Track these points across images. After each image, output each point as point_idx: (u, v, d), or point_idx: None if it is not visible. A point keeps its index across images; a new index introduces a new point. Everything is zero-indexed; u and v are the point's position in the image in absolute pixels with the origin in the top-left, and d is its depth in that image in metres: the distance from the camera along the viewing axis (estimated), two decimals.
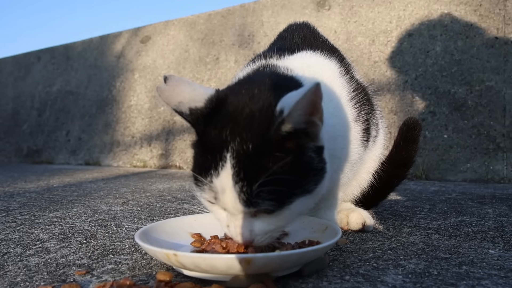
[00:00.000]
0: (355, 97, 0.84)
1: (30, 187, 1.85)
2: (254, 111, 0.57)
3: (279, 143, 0.54)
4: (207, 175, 0.57)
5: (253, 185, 0.53)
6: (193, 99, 0.60)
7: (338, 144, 0.78)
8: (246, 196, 0.54)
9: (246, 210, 0.56)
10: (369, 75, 2.54)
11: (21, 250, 0.79)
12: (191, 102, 0.60)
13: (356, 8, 2.75)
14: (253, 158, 0.54)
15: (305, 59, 0.85)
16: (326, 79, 0.80)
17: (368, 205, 1.05)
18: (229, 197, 0.55)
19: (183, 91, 0.61)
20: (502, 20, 2.26)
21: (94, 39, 4.21)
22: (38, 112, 4.43)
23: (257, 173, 0.53)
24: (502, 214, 1.14)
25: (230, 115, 0.58)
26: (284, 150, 0.54)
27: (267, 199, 0.54)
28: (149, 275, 0.64)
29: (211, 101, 0.60)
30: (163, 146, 3.34)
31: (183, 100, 0.60)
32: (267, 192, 0.54)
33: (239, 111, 0.58)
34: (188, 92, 0.61)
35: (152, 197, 1.54)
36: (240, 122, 0.56)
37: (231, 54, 3.23)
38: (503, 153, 2.12)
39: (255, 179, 0.53)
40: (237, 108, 0.59)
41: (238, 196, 0.54)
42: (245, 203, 0.55)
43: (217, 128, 0.58)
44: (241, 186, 0.54)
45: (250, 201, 0.54)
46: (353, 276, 0.62)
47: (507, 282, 0.59)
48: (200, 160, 0.59)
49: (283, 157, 0.54)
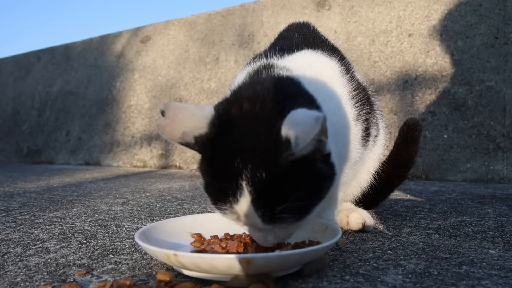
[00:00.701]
0: (356, 96, 0.84)
1: (30, 187, 1.85)
2: (260, 134, 0.56)
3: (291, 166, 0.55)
4: (226, 201, 0.58)
5: (274, 209, 0.56)
6: (195, 126, 0.58)
7: (339, 142, 0.78)
8: (268, 219, 0.57)
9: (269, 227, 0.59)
10: (369, 75, 2.54)
11: (21, 250, 0.79)
12: (194, 130, 0.58)
13: (356, 8, 2.75)
14: (269, 184, 0.55)
15: (305, 58, 0.85)
16: (326, 78, 0.80)
17: (368, 205, 1.05)
18: (252, 219, 0.58)
19: (183, 120, 0.58)
20: (502, 20, 2.26)
21: (94, 39, 4.21)
22: (38, 112, 4.43)
23: (276, 198, 0.56)
24: (502, 214, 1.14)
25: (236, 141, 0.58)
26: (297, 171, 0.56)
27: (288, 216, 0.57)
28: (149, 275, 0.64)
29: (213, 124, 0.59)
30: (163, 146, 3.34)
31: (186, 130, 0.58)
32: (287, 212, 0.56)
33: (244, 134, 0.58)
34: (188, 120, 0.59)
35: (152, 197, 1.54)
36: (248, 148, 0.56)
37: (231, 54, 3.23)
38: (503, 153, 2.12)
39: (274, 204, 0.56)
40: (241, 130, 0.58)
41: (261, 218, 0.57)
42: (268, 222, 0.58)
43: (226, 155, 0.57)
44: (263, 211, 0.56)
45: (272, 221, 0.57)
46: (353, 276, 0.62)
47: (507, 282, 0.59)
48: (216, 186, 0.60)
49: (297, 177, 0.56)
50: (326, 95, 0.77)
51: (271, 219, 0.57)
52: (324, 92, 0.77)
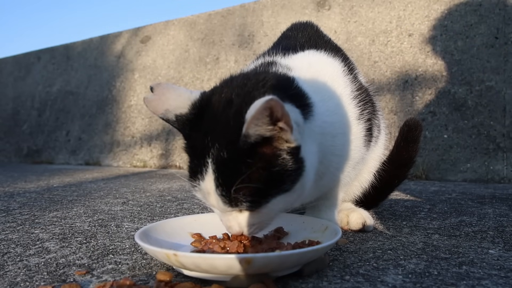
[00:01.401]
0: (358, 96, 0.84)
1: (30, 187, 1.85)
2: (229, 117, 0.60)
3: (250, 150, 0.57)
4: (196, 178, 0.62)
5: (230, 190, 0.58)
6: (178, 106, 0.64)
7: (338, 142, 0.77)
8: (225, 199, 0.59)
9: (229, 209, 0.61)
10: (369, 75, 2.54)
11: (21, 250, 0.79)
12: (176, 109, 0.64)
13: (356, 8, 2.75)
14: (228, 164, 0.58)
15: (307, 57, 0.86)
16: (327, 78, 0.81)
17: (368, 205, 1.05)
18: (213, 199, 0.61)
19: (168, 98, 0.64)
20: (502, 20, 2.26)
21: (94, 39, 4.21)
22: (38, 112, 4.43)
23: (232, 179, 0.58)
24: (502, 214, 1.14)
25: (210, 121, 0.62)
26: (256, 156, 0.57)
27: (244, 201, 0.59)
28: (149, 275, 0.64)
29: (194, 106, 0.64)
30: (163, 146, 3.34)
31: (169, 108, 0.64)
32: (243, 195, 0.58)
33: (217, 117, 0.61)
34: (173, 99, 0.64)
35: (152, 197, 1.54)
36: (218, 128, 0.60)
37: (231, 54, 3.23)
38: (503, 153, 2.12)
39: (230, 184, 0.58)
40: (216, 113, 0.62)
41: (220, 198, 0.60)
42: (227, 204, 0.60)
43: (200, 133, 0.61)
44: (220, 190, 0.59)
45: (230, 203, 0.59)
46: (353, 276, 0.62)
47: (507, 282, 0.59)
48: (191, 163, 0.64)
49: (255, 163, 0.57)
50: (325, 94, 0.77)
51: (228, 200, 0.59)
52: (323, 91, 0.77)
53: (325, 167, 0.76)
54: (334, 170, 0.80)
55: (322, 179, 0.79)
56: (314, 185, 0.76)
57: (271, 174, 0.59)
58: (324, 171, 0.77)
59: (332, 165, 0.78)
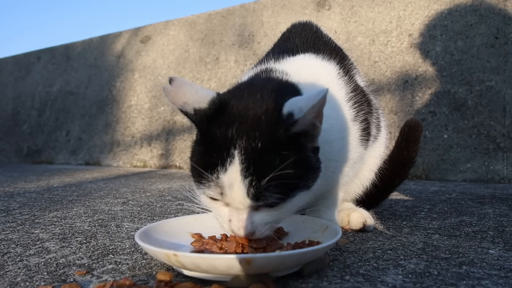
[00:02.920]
0: (353, 97, 0.85)
1: (30, 187, 1.85)
2: (260, 113, 0.60)
3: (286, 142, 0.58)
4: (213, 171, 0.59)
5: (262, 180, 0.56)
6: (197, 100, 0.63)
7: (335, 147, 0.79)
8: (254, 190, 0.57)
9: (253, 204, 0.59)
10: (369, 75, 2.55)
11: (21, 250, 0.79)
12: (195, 103, 0.63)
13: (356, 8, 2.75)
14: (262, 155, 0.57)
15: (303, 62, 0.87)
16: (322, 82, 0.82)
17: (369, 205, 1.05)
18: (237, 191, 0.58)
19: (186, 92, 0.64)
20: (502, 20, 2.26)
21: (94, 39, 4.21)
22: (38, 112, 4.43)
23: (266, 169, 0.57)
24: (502, 214, 1.14)
25: (235, 116, 0.61)
26: (289, 149, 0.59)
27: (274, 192, 0.58)
28: (149, 275, 0.64)
29: (214, 102, 0.63)
30: (163, 146, 3.34)
31: (188, 101, 0.63)
32: (274, 186, 0.57)
33: (243, 113, 0.61)
34: (192, 94, 0.64)
35: (152, 197, 1.54)
36: (246, 122, 0.59)
37: (231, 54, 3.23)
38: (503, 153, 2.12)
39: (264, 174, 0.56)
40: (241, 109, 0.62)
41: (247, 190, 0.57)
42: (253, 196, 0.58)
43: (222, 127, 0.60)
44: (250, 181, 0.57)
45: (258, 195, 0.57)
46: (353, 276, 0.62)
47: (507, 282, 0.59)
48: (205, 157, 0.61)
49: (289, 155, 0.58)
50: None
51: (256, 191, 0.57)
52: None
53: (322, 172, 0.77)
54: (330, 174, 0.81)
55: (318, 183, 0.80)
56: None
57: (300, 169, 0.60)
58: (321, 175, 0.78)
59: (329, 169, 0.79)
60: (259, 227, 0.61)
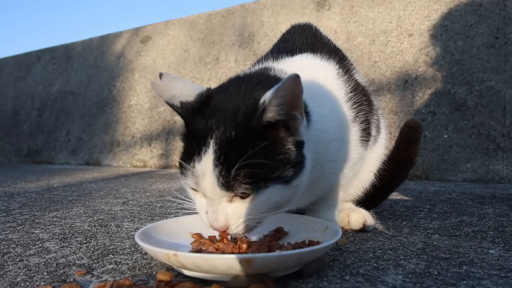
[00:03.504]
0: (353, 97, 0.84)
1: (30, 187, 1.85)
2: (240, 104, 0.61)
3: (260, 132, 0.58)
4: (190, 161, 0.60)
5: (231, 169, 0.56)
6: (184, 93, 0.66)
7: (332, 147, 0.78)
8: (224, 179, 0.57)
9: (224, 194, 0.59)
10: (369, 75, 2.55)
11: (21, 250, 0.79)
12: (182, 96, 0.65)
13: (356, 8, 2.75)
14: (234, 145, 0.58)
15: (301, 62, 0.87)
16: (321, 82, 0.81)
17: (368, 205, 1.05)
18: (208, 180, 0.58)
19: (176, 86, 0.66)
20: (502, 20, 2.26)
21: (94, 39, 4.21)
22: (38, 112, 4.43)
23: (236, 157, 0.57)
24: (502, 214, 1.14)
25: (216, 107, 0.62)
26: (265, 139, 0.58)
27: (243, 182, 0.57)
28: (149, 275, 0.64)
29: (200, 96, 0.65)
30: (163, 146, 3.34)
31: (176, 94, 0.66)
32: (243, 176, 0.57)
33: (225, 104, 0.62)
34: (180, 88, 0.66)
35: (152, 197, 1.54)
36: (225, 113, 0.61)
37: (231, 54, 3.23)
38: (503, 153, 2.12)
39: (233, 163, 0.56)
40: (224, 101, 0.63)
41: (217, 179, 0.58)
42: (223, 186, 0.58)
43: (203, 118, 0.62)
44: (220, 170, 0.57)
45: (227, 185, 0.58)
46: (353, 276, 0.62)
47: (507, 282, 0.59)
48: (186, 148, 0.64)
49: (262, 144, 0.58)
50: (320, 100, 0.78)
51: (226, 180, 0.57)
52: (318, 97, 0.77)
53: (319, 172, 0.76)
54: (329, 175, 0.81)
55: (317, 184, 0.80)
56: (309, 189, 0.77)
57: (276, 160, 0.59)
58: (319, 176, 0.77)
59: (326, 170, 0.78)
60: (232, 220, 0.60)
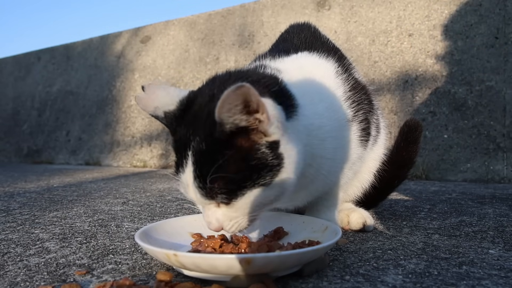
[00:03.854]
0: (352, 96, 0.83)
1: (30, 187, 1.85)
2: (210, 111, 0.60)
3: (228, 141, 0.58)
4: (178, 171, 0.63)
5: (206, 180, 0.59)
6: (166, 103, 0.66)
7: (328, 145, 0.77)
8: (202, 191, 0.60)
9: (208, 202, 0.62)
10: (369, 75, 2.54)
11: (21, 250, 0.79)
12: (165, 106, 0.66)
13: (356, 8, 2.75)
14: (206, 156, 0.59)
15: (298, 60, 0.85)
16: (318, 80, 0.80)
17: (368, 205, 1.05)
18: (191, 191, 0.62)
19: (158, 96, 0.67)
20: (502, 20, 2.26)
21: (94, 39, 4.21)
22: (38, 112, 4.43)
23: (208, 169, 0.58)
24: (502, 214, 1.14)
25: (194, 114, 0.63)
26: (234, 148, 0.59)
27: (219, 192, 0.60)
28: (149, 275, 0.64)
29: (181, 103, 0.66)
30: (163, 146, 3.34)
31: (159, 105, 0.66)
32: (218, 186, 0.59)
33: (200, 111, 0.63)
34: (162, 97, 0.67)
35: (152, 197, 1.54)
36: (199, 122, 0.61)
37: (231, 54, 3.23)
38: (503, 153, 2.12)
39: (206, 175, 0.59)
40: (199, 108, 0.63)
41: (197, 190, 0.61)
42: (203, 196, 0.61)
43: (184, 127, 0.63)
44: (198, 182, 0.60)
45: (207, 195, 0.61)
46: (353, 276, 0.62)
47: (507, 282, 0.59)
48: (175, 157, 0.65)
49: (232, 154, 0.58)
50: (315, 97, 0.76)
51: (204, 191, 0.60)
52: (313, 94, 0.76)
53: (315, 170, 0.76)
54: (326, 174, 0.79)
55: (314, 183, 0.79)
56: (305, 188, 0.76)
57: (249, 166, 0.59)
58: (315, 175, 0.76)
59: (323, 168, 0.77)
60: (225, 222, 0.63)
